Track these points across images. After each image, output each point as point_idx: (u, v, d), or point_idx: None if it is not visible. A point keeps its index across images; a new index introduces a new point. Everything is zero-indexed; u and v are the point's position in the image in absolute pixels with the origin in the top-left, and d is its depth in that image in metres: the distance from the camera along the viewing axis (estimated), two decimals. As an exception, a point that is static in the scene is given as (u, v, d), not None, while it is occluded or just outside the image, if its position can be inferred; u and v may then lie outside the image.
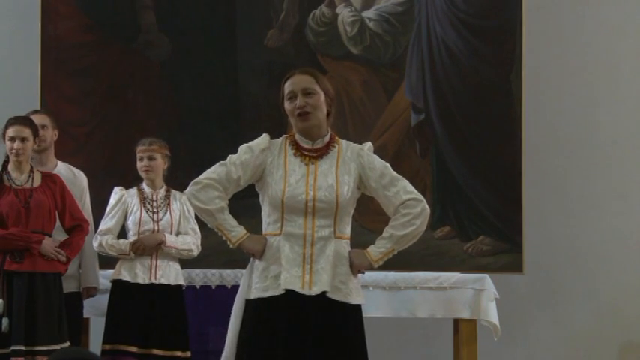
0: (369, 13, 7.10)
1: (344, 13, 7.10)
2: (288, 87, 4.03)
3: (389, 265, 6.55)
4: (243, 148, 4.06)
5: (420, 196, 4.06)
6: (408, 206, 4.02)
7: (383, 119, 7.07)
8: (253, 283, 3.99)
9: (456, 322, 6.32)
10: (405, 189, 4.04)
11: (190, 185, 4.05)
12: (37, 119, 5.81)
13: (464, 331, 6.24)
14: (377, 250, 4.04)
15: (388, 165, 4.09)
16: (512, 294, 6.99)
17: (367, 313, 4.32)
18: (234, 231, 4.02)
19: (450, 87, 7.05)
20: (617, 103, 7.49)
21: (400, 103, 7.08)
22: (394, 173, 4.07)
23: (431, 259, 6.87)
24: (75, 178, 5.95)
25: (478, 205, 6.98)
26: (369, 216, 6.81)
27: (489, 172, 6.99)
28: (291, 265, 3.93)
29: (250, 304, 3.97)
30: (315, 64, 6.96)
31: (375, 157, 4.09)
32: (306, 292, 3.90)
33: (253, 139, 4.11)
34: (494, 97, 7.03)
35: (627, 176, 7.45)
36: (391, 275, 6.20)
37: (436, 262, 6.85)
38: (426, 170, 7.03)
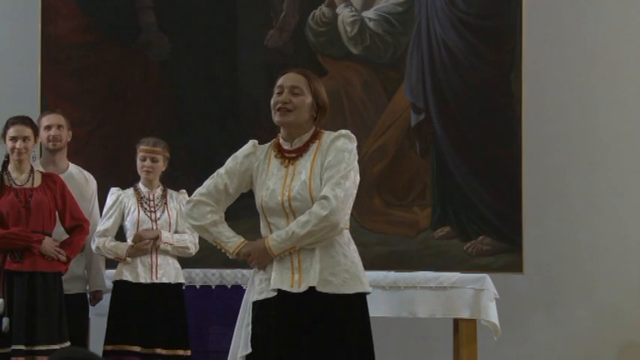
0: (369, 13, 7.09)
1: (344, 13, 7.09)
2: (279, 82, 4.10)
3: (389, 265, 6.61)
4: (229, 158, 4.10)
5: (335, 203, 3.85)
6: (320, 204, 3.87)
7: (383, 119, 7.06)
8: (256, 285, 4.01)
9: (456, 322, 6.32)
10: (334, 185, 3.87)
11: (185, 204, 4.12)
12: (55, 119, 5.84)
13: (464, 331, 6.23)
14: (279, 247, 3.90)
15: (346, 159, 3.93)
16: (512, 294, 6.97)
17: (367, 313, 4.31)
18: (231, 242, 4.05)
19: (450, 87, 7.05)
20: (617, 102, 7.48)
21: (400, 103, 7.07)
22: (344, 167, 3.91)
23: (431, 259, 6.87)
24: (87, 182, 5.97)
25: (478, 205, 6.98)
26: (368, 216, 6.81)
27: (489, 172, 6.99)
28: (282, 266, 3.94)
29: (253, 306, 3.99)
30: (315, 64, 6.96)
31: (345, 144, 3.95)
32: (295, 290, 3.90)
33: (253, 138, 4.16)
34: (494, 97, 7.02)
35: (627, 176, 7.44)
36: (391, 275, 6.20)
37: (436, 262, 6.85)
38: (425, 170, 7.03)
